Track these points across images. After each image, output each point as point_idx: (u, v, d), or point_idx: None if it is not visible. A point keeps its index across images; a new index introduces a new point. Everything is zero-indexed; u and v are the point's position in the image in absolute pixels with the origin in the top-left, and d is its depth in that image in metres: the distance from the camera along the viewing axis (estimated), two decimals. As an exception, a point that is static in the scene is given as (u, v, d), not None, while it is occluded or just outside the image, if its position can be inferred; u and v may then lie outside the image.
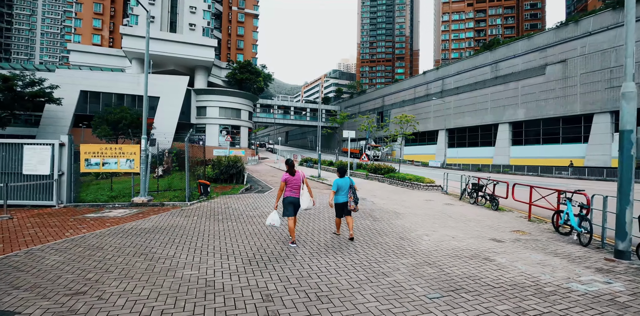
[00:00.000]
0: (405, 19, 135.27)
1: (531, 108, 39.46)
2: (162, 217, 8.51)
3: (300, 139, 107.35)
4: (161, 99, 45.17)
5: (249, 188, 15.31)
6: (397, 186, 17.84)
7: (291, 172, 6.21)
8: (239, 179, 16.15)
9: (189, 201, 10.65)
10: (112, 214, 8.92)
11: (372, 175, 21.38)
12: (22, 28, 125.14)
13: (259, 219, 8.32)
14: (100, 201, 10.86)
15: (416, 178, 17.05)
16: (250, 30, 68.76)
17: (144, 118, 11.05)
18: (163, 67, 53.20)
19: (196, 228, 7.30)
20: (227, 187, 14.71)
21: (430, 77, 55.88)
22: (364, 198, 12.65)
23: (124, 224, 7.62)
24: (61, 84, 39.68)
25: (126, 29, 47.74)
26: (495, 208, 10.80)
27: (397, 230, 7.53)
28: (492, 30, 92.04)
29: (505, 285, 4.34)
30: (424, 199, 13.03)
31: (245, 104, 55.49)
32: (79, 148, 10.62)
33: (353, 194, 6.62)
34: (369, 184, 18.41)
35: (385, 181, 19.58)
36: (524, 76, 40.45)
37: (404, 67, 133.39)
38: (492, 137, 44.73)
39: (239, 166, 15.72)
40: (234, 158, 16.00)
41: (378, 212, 9.81)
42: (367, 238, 6.72)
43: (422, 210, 10.39)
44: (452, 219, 8.97)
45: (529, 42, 40.42)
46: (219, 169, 15.55)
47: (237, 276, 4.42)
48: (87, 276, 4.35)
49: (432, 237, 6.96)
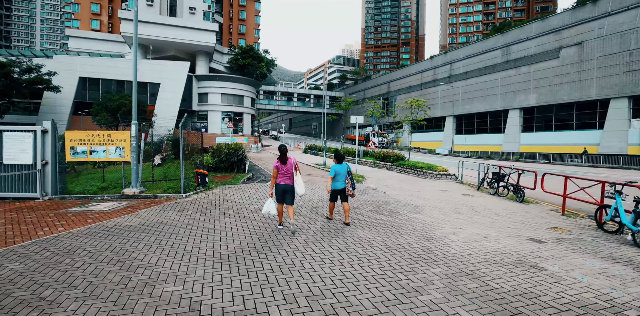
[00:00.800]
0: (411, 2, 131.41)
1: (544, 93, 37.90)
2: (152, 211, 7.61)
3: (304, 127, 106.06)
4: (162, 85, 43.97)
5: (251, 177, 14.39)
6: (407, 174, 16.84)
7: (283, 159, 6.13)
8: (240, 168, 15.22)
9: (184, 192, 9.74)
10: (98, 208, 8.04)
11: (381, 163, 20.37)
12: (21, 15, 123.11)
13: (260, 215, 7.40)
14: (89, 192, 9.99)
15: (428, 166, 16.02)
16: (252, 14, 66.63)
17: (134, 100, 10.04)
18: (163, 53, 51.75)
19: (188, 226, 6.39)
20: (227, 176, 13.78)
21: (438, 62, 54.04)
22: (375, 188, 11.69)
23: (108, 221, 6.73)
24: (60, 70, 38.65)
25: (124, 13, 46.14)
26: (520, 199, 9.80)
27: (418, 227, 6.58)
28: (502, 13, 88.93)
29: (573, 306, 3.39)
30: (439, 189, 12.05)
31: (248, 90, 54.15)
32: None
33: (351, 179, 6.75)
34: (377, 172, 17.43)
35: (394, 169, 18.57)
36: (537, 59, 38.70)
37: (409, 52, 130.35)
38: (502, 123, 43.32)
39: (240, 153, 14.74)
40: (234, 145, 15.00)
41: (393, 205, 8.86)
42: (386, 239, 5.78)
43: (441, 202, 9.42)
44: (478, 214, 8.00)
45: (543, 23, 38.50)
46: (218, 157, 14.59)
47: (230, 295, 3.50)
48: (43, 295, 3.45)
49: (460, 236, 6.00)
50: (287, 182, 6.12)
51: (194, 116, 51.89)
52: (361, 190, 11.23)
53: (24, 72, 32.35)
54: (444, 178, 15.07)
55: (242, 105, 53.28)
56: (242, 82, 52.79)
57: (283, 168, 6.09)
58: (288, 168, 6.11)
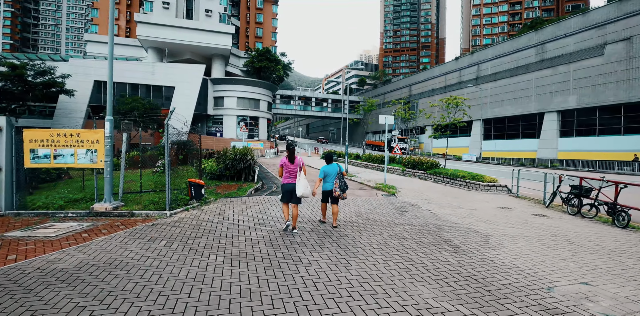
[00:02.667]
0: (431, 6, 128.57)
1: (585, 94, 34.43)
2: (112, 241, 5.34)
3: (322, 132, 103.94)
4: (176, 88, 42.71)
5: (260, 187, 12.06)
6: (446, 185, 14.20)
7: (290, 158, 6.07)
8: (249, 176, 12.94)
9: (170, 209, 7.49)
10: (46, 232, 5.87)
11: (410, 171, 17.75)
12: (48, 23, 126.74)
13: (263, 248, 5.04)
14: (54, 207, 7.89)
15: (472, 176, 13.35)
16: (269, 17, 65.34)
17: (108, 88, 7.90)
18: (179, 57, 50.74)
19: (147, 272, 4.07)
20: (232, 186, 11.52)
21: (464, 63, 51.01)
22: (416, 204, 9.17)
23: (38, 258, 4.50)
24: (75, 74, 38.09)
25: (140, 16, 45.36)
26: (623, 224, 7.12)
27: (515, 280, 4.05)
28: (529, 13, 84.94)
29: None
30: (496, 206, 9.43)
31: (264, 94, 52.38)
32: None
33: (339, 180, 6.34)
34: (409, 182, 14.84)
35: (428, 178, 15.94)
36: (577, 57, 35.31)
37: (429, 56, 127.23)
38: (536, 128, 39.86)
39: (248, 159, 12.45)
40: (242, 149, 12.76)
41: (451, 232, 6.34)
42: (476, 313, 3.29)
43: (514, 227, 6.84)
44: (585, 250, 5.39)
45: (583, 18, 35.19)
46: (223, 163, 12.38)
47: None
48: None
49: (603, 304, 3.46)
50: (292, 181, 6.04)
51: (209, 120, 50.49)
52: (398, 207, 8.75)
53: (38, 74, 31.52)
54: (493, 190, 12.38)
55: (258, 109, 51.53)
56: (259, 85, 51.09)
57: (289, 166, 6.05)
58: (294, 167, 6.03)
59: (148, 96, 41.74)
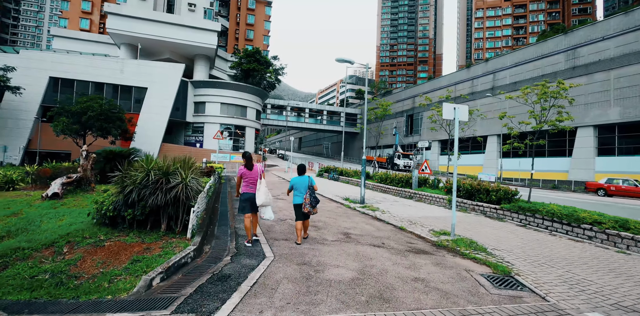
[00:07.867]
0: (429, 20, 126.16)
1: (630, 106, 28.95)
2: None
3: (315, 146, 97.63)
4: (149, 90, 36.22)
5: (194, 254, 5.42)
6: (557, 236, 7.82)
7: (248, 165, 5.88)
8: (179, 222, 6.30)
9: None
10: None
11: (467, 203, 11.36)
12: (29, 25, 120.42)
13: None
14: None
15: (615, 221, 7.03)
16: (261, 19, 59.91)
17: None
18: (157, 56, 44.44)
19: None
20: (134, 246, 5.00)
21: (477, 72, 45.78)
22: None
23: None
24: (27, 68, 31.71)
25: (111, 6, 39.25)
26: None
27: None
28: (534, 27, 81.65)
29: None
30: None
31: (253, 100, 46.12)
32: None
33: (310, 195, 6.00)
34: (478, 226, 8.43)
35: (506, 218, 9.56)
36: (619, 63, 30.02)
37: (427, 71, 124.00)
38: (567, 144, 34.25)
39: (178, 183, 5.89)
40: (176, 161, 6.24)
41: None
42: None
43: None
44: None
45: (626, 18, 30.13)
46: (122, 193, 5.78)
47: None
48: None
49: None
50: (252, 190, 5.80)
51: (187, 128, 43.87)
52: None
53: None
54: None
55: (245, 117, 45.15)
56: (247, 90, 44.88)
57: (248, 174, 5.84)
58: (254, 174, 5.82)
59: (115, 97, 35.08)
